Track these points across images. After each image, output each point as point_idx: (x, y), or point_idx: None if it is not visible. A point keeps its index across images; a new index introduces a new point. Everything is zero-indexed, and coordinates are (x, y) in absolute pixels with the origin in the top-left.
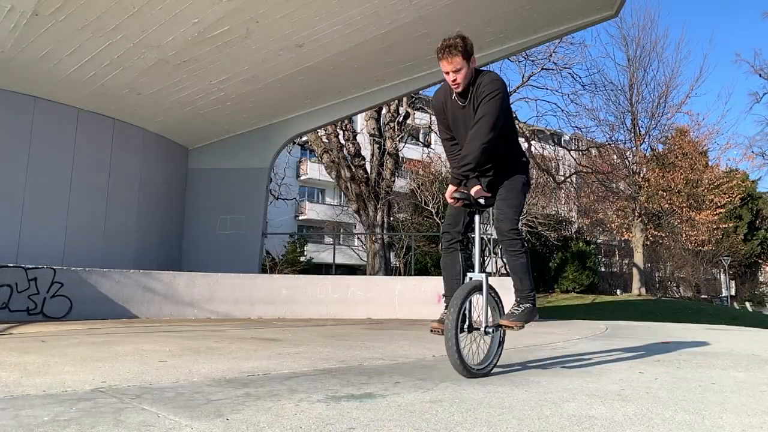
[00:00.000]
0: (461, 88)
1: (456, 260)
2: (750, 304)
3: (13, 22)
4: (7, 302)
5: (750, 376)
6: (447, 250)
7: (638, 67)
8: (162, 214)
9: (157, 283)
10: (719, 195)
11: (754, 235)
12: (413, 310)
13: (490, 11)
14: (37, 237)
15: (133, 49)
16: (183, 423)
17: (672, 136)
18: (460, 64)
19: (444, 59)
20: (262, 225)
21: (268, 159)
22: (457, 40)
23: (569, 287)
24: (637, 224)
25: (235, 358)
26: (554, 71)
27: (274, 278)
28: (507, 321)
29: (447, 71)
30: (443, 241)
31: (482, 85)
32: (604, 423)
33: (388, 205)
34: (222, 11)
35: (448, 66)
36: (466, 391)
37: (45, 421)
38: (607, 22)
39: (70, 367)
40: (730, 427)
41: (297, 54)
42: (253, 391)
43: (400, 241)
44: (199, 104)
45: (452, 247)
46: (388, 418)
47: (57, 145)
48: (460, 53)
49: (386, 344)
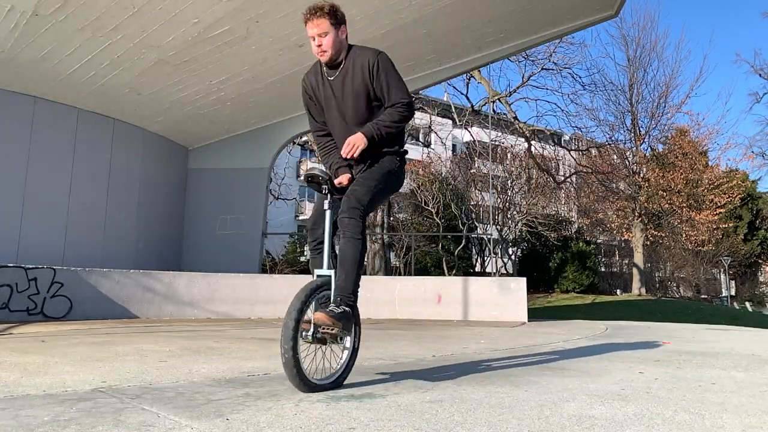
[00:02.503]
0: (328, 56)
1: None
2: (750, 304)
3: (13, 21)
4: (7, 302)
5: (750, 376)
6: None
7: (638, 67)
8: (162, 214)
9: (157, 283)
10: (719, 195)
11: (754, 235)
12: (413, 310)
13: (490, 11)
14: (37, 237)
15: (133, 49)
16: (183, 423)
17: (672, 136)
18: (327, 28)
19: (309, 20)
20: (262, 225)
21: (268, 159)
22: (324, 3)
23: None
24: (637, 224)
25: (235, 358)
26: (554, 71)
27: (275, 278)
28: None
29: (312, 36)
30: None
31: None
32: (604, 423)
33: (388, 205)
34: (222, 11)
35: (313, 29)
36: (466, 391)
37: (45, 421)
38: (607, 22)
39: (70, 367)
40: (730, 427)
41: (297, 54)
42: (253, 391)
43: (400, 241)
44: (199, 104)
45: (318, 248)
46: (388, 418)
47: (57, 145)
48: (326, 15)
49: (386, 344)
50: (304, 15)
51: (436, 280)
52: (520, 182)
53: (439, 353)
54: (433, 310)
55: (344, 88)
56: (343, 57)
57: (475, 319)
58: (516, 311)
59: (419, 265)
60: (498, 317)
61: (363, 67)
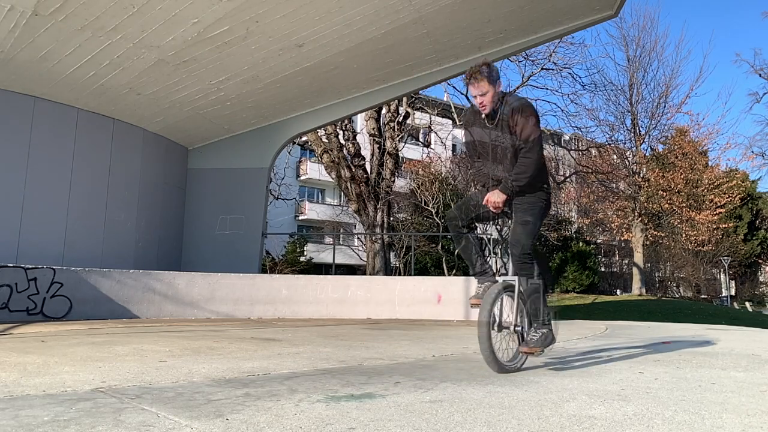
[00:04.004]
0: (487, 110)
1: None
2: (750, 304)
3: (12, 21)
4: (7, 302)
5: (750, 376)
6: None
7: (638, 68)
8: (162, 214)
9: (157, 283)
10: (719, 195)
11: (754, 235)
12: (413, 310)
13: (490, 11)
14: (37, 237)
15: (133, 49)
16: (183, 423)
17: (672, 136)
18: (486, 88)
19: (471, 84)
20: (262, 225)
21: (268, 159)
22: (482, 67)
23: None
24: (637, 224)
25: (235, 358)
26: (554, 71)
27: (274, 278)
28: (526, 348)
29: (474, 95)
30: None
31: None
32: (604, 423)
33: (388, 205)
34: (222, 11)
35: (475, 91)
36: (466, 391)
37: (45, 421)
38: (607, 22)
39: (70, 367)
40: (730, 427)
41: (297, 54)
42: (253, 391)
43: (400, 241)
44: (199, 104)
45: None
46: (388, 418)
47: (57, 145)
48: (485, 78)
49: (386, 344)
50: (465, 78)
51: (436, 280)
52: None
53: (439, 353)
54: (433, 310)
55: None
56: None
57: (476, 319)
58: None
59: (419, 265)
60: None
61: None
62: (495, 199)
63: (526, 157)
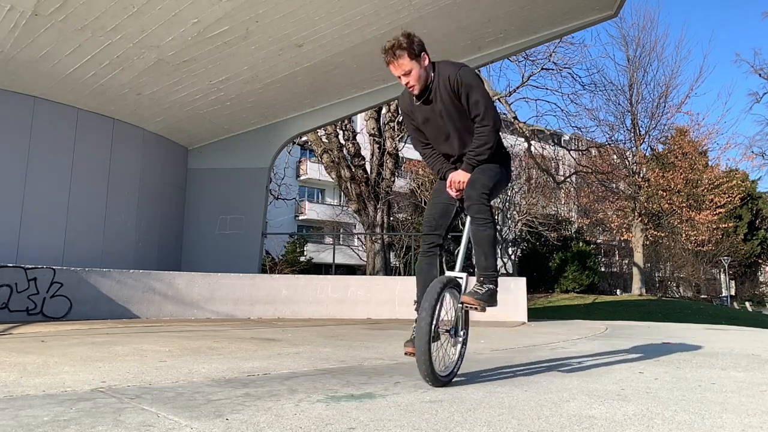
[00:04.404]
0: (417, 90)
1: (434, 264)
2: (750, 304)
3: (12, 21)
4: (7, 302)
5: (750, 376)
6: (426, 254)
7: (638, 68)
8: (162, 214)
9: (157, 283)
10: (719, 195)
11: (754, 235)
12: (413, 310)
13: (490, 11)
14: (37, 237)
15: (133, 49)
16: (183, 423)
17: (672, 136)
18: (409, 65)
19: (391, 64)
20: (262, 225)
21: (268, 159)
22: (400, 40)
23: (569, 287)
24: (637, 224)
25: (235, 358)
26: (554, 71)
27: (274, 278)
28: (470, 298)
29: (397, 76)
30: (423, 244)
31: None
32: (604, 423)
33: (388, 205)
34: (222, 11)
35: (396, 70)
36: (466, 391)
37: (45, 421)
38: (607, 22)
39: (70, 367)
40: (730, 427)
41: (297, 54)
42: (252, 391)
43: (400, 241)
44: (199, 104)
45: (432, 251)
46: (388, 418)
47: (57, 145)
48: (405, 53)
49: (386, 344)
50: (384, 58)
51: None
52: (519, 182)
53: None
54: None
55: (435, 109)
56: (430, 80)
57: (475, 319)
58: (516, 311)
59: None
60: (498, 317)
61: (446, 85)
62: (460, 179)
63: (483, 125)
